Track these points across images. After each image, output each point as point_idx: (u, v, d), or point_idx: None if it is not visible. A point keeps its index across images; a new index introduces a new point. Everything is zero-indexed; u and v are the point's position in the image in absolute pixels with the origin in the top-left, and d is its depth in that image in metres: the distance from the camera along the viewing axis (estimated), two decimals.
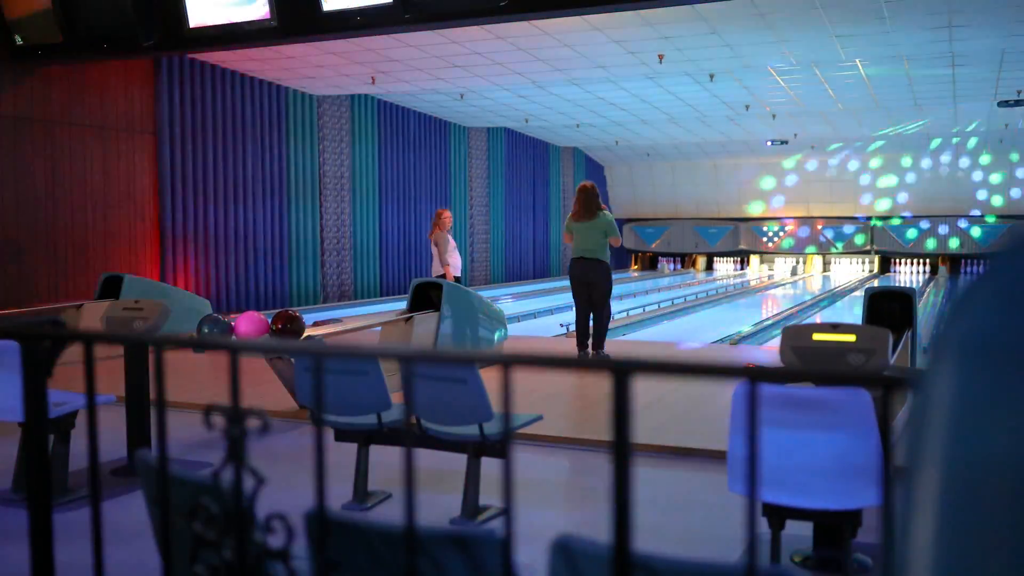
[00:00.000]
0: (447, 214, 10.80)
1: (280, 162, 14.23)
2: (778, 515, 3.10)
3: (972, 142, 22.74)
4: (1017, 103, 15.65)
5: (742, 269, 27.32)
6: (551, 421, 5.68)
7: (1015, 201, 24.02)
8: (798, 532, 3.38)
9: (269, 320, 5.97)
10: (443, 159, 18.88)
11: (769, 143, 22.22)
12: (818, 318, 14.90)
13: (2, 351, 3.94)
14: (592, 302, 7.99)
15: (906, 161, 24.92)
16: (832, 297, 18.78)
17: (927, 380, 0.58)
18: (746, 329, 12.74)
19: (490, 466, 3.98)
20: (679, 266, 27.95)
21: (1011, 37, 10.85)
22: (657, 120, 18.86)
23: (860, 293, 15.12)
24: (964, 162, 24.37)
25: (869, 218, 25.67)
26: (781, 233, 26.53)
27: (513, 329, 9.13)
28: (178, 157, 12.38)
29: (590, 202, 8.03)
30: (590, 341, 8.00)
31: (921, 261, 25.40)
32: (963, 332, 0.57)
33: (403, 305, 7.82)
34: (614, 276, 8.35)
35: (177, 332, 7.42)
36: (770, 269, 26.98)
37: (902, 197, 25.26)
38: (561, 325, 11.97)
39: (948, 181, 24.67)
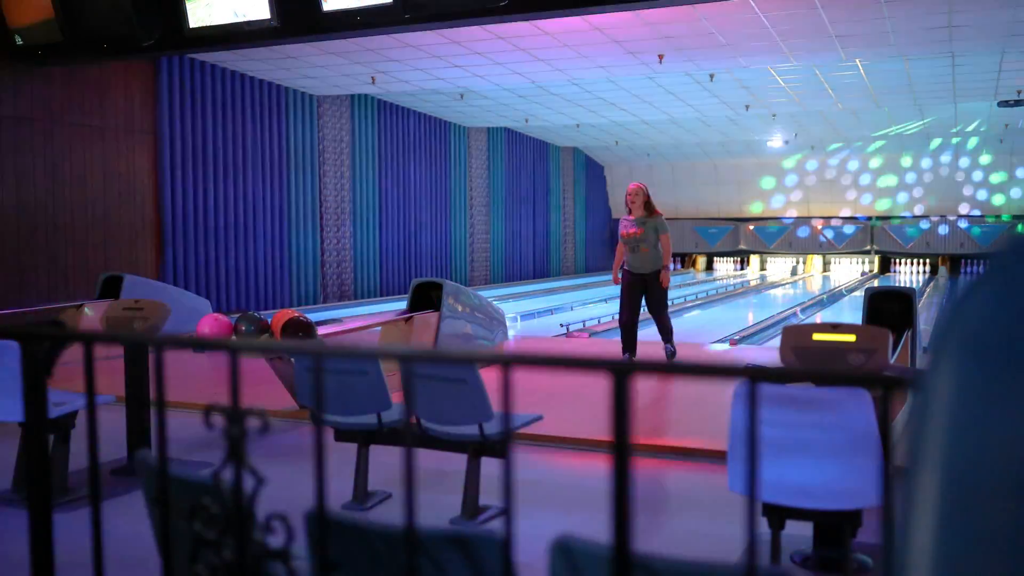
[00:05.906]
0: None
1: (280, 162, 14.23)
2: (778, 515, 3.10)
3: (972, 142, 22.72)
4: (1017, 103, 15.65)
5: (742, 269, 27.31)
6: (551, 421, 5.68)
7: (1015, 201, 24.02)
8: (798, 532, 3.38)
9: (232, 322, 5.93)
10: (443, 159, 18.88)
11: (769, 143, 22.22)
12: (818, 318, 14.89)
13: (2, 351, 3.94)
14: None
15: (906, 161, 24.91)
16: (832, 297, 18.76)
17: (927, 380, 0.58)
18: (746, 329, 12.72)
19: (490, 466, 3.98)
20: (679, 266, 27.92)
21: (1011, 37, 10.84)
22: (657, 120, 18.85)
23: (860, 293, 15.10)
24: (964, 162, 24.36)
25: (869, 218, 25.66)
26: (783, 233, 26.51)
27: (513, 329, 9.12)
28: (178, 157, 12.37)
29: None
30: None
31: (921, 261, 25.38)
32: (962, 332, 0.57)
33: (403, 305, 7.83)
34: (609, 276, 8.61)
35: (177, 332, 7.41)
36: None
37: (902, 197, 25.24)
38: (561, 325, 11.95)
39: (948, 181, 24.66)
